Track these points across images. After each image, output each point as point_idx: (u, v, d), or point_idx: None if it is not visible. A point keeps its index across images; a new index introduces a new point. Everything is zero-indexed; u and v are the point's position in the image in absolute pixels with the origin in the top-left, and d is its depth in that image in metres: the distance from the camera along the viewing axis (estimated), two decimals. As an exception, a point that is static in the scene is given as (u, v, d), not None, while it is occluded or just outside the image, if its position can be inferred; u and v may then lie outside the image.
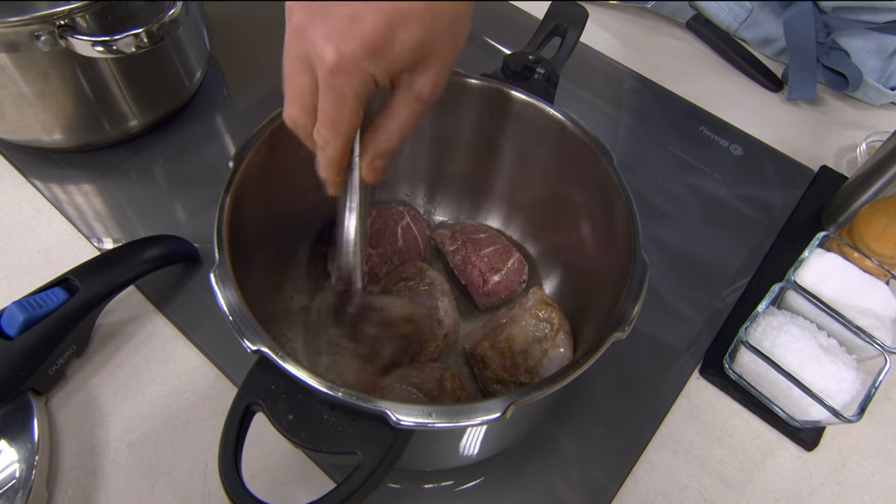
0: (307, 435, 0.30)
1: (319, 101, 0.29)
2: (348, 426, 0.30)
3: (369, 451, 0.30)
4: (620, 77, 0.74)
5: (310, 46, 0.28)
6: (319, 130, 0.31)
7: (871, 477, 0.49)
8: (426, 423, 0.29)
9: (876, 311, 0.50)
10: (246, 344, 0.31)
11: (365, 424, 0.30)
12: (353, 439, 0.30)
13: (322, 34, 0.27)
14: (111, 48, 0.50)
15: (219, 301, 0.33)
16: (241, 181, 0.38)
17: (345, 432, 0.30)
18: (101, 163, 0.61)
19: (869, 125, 0.70)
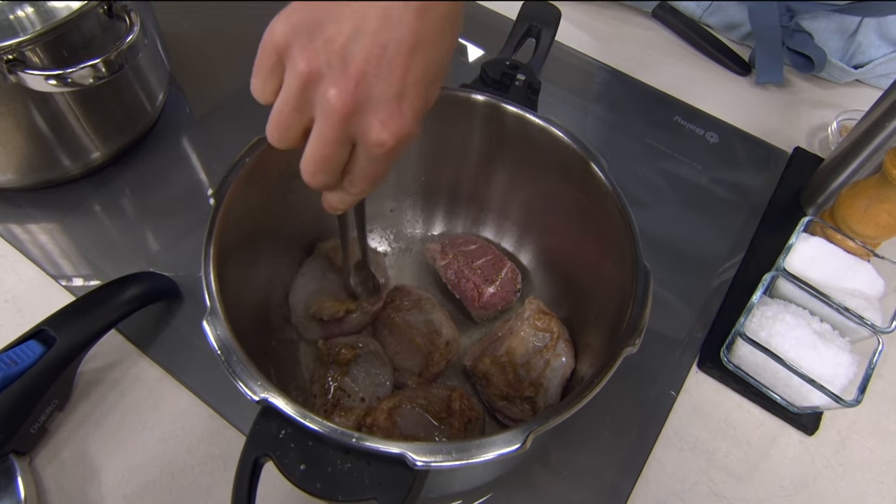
0: (322, 485, 0.29)
1: (363, 167, 0.29)
2: (364, 471, 0.29)
3: (389, 495, 0.29)
4: (591, 71, 0.74)
5: (358, 129, 0.27)
6: (358, 186, 0.30)
7: (871, 455, 0.49)
8: (446, 463, 0.29)
9: (863, 291, 0.51)
10: (249, 395, 0.30)
11: (382, 467, 0.29)
12: (372, 484, 0.29)
13: (379, 121, 0.27)
14: (66, 81, 0.47)
15: (215, 350, 0.31)
16: (224, 219, 0.36)
17: (361, 477, 0.29)
18: (65, 199, 0.58)
19: (837, 104, 0.71)
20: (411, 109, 0.27)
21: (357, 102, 0.26)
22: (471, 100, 0.44)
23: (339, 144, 0.28)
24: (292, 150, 0.30)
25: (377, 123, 0.27)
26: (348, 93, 0.26)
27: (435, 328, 0.47)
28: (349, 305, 0.46)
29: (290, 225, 0.47)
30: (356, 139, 0.28)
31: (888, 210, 0.51)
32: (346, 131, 0.27)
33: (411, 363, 0.46)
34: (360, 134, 0.28)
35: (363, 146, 0.28)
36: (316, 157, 0.28)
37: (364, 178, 0.30)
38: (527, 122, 0.43)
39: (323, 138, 0.28)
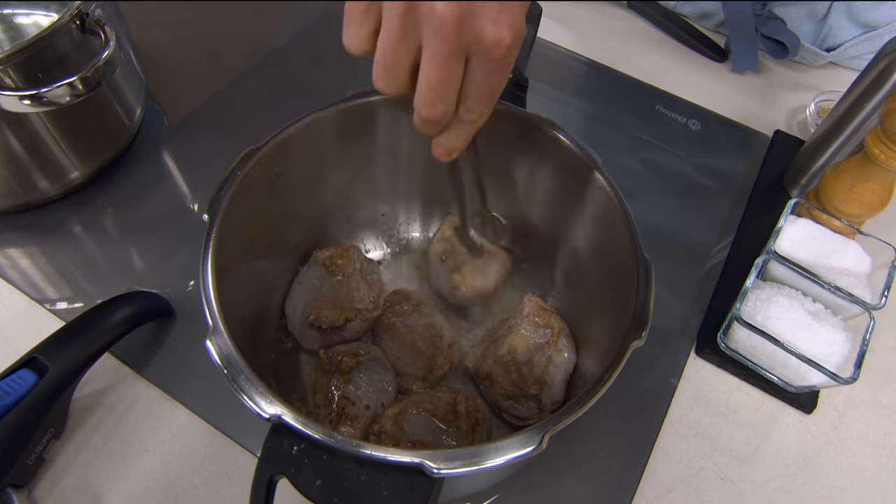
0: (340, 499, 0.29)
1: (482, 82, 0.28)
2: (382, 482, 0.29)
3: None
4: (570, 64, 0.74)
5: (471, 36, 0.26)
6: (476, 109, 0.30)
7: (868, 429, 0.50)
8: (464, 469, 0.28)
9: (852, 269, 0.52)
10: (260, 412, 0.29)
11: (399, 477, 0.29)
12: (390, 495, 0.29)
13: (491, 20, 0.26)
14: (42, 101, 0.46)
15: (221, 370, 0.31)
16: (219, 234, 0.35)
17: (379, 489, 0.29)
18: (45, 221, 0.57)
19: (813, 86, 0.72)
20: (517, 2, 0.27)
21: (464, 6, 0.26)
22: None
23: (455, 59, 0.27)
24: (403, 96, 0.29)
25: (489, 22, 0.26)
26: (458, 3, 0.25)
27: (437, 331, 0.46)
28: (348, 313, 0.45)
29: (284, 235, 0.46)
30: (470, 49, 0.27)
31: (872, 188, 0.52)
32: (459, 42, 0.27)
33: (414, 368, 0.46)
34: (474, 41, 0.27)
35: (480, 53, 0.27)
36: (432, 82, 0.28)
37: (482, 97, 0.29)
38: (518, 119, 0.43)
39: (437, 59, 0.27)
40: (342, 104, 0.41)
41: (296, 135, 0.41)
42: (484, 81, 0.29)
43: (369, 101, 0.42)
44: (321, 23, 0.76)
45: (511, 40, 0.27)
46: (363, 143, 0.46)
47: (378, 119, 0.44)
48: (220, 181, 0.37)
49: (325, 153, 0.45)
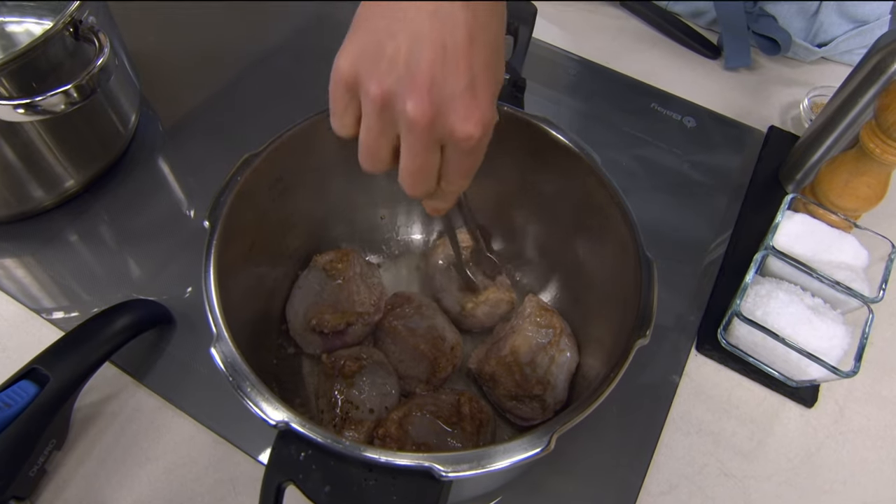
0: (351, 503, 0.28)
1: (458, 164, 0.30)
2: (391, 486, 0.29)
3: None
4: (565, 63, 0.74)
5: (444, 131, 0.28)
6: (455, 183, 0.31)
7: (868, 421, 0.51)
8: (473, 472, 0.28)
9: (849, 263, 0.52)
10: (267, 420, 0.29)
11: (408, 482, 0.29)
12: (399, 500, 0.29)
13: (460, 117, 0.28)
14: (37, 109, 0.45)
15: (227, 377, 0.31)
16: (220, 241, 0.35)
17: (388, 493, 0.29)
18: (41, 231, 0.56)
19: (806, 81, 0.72)
20: (486, 95, 0.28)
21: (435, 106, 0.27)
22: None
23: (430, 151, 0.29)
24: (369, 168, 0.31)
25: (459, 120, 0.27)
26: (424, 101, 0.27)
27: (439, 333, 0.46)
28: (349, 317, 0.45)
29: (284, 240, 0.46)
30: (444, 141, 0.29)
31: (867, 182, 0.52)
32: (432, 137, 0.28)
33: (417, 370, 0.45)
34: (446, 135, 0.28)
35: (452, 145, 0.29)
36: (412, 170, 0.29)
37: (459, 175, 0.31)
38: (518, 121, 0.43)
39: (413, 151, 0.29)
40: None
41: (294, 139, 0.41)
42: (460, 163, 0.30)
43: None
44: (314, 26, 0.76)
45: (480, 134, 0.28)
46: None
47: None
48: (220, 187, 0.37)
49: (325, 157, 0.45)
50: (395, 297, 0.50)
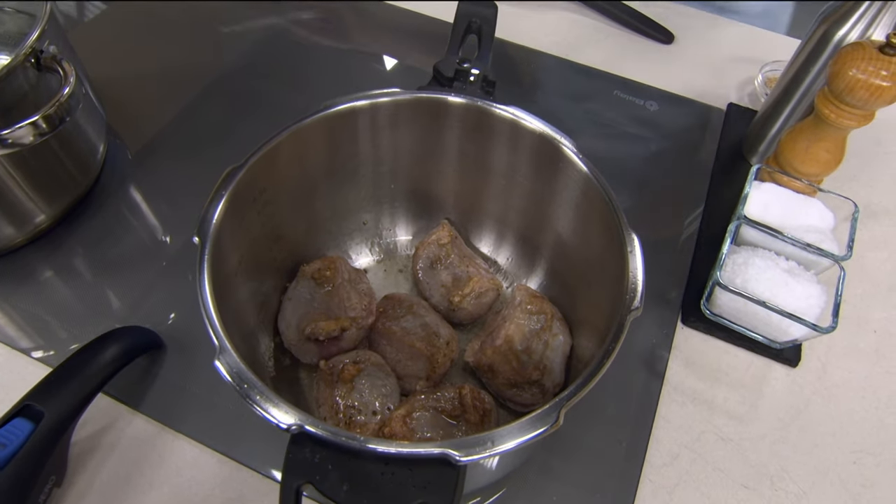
0: (369, 500, 0.29)
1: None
2: (408, 478, 0.29)
3: (438, 496, 0.29)
4: (527, 58, 0.76)
5: None
6: None
7: (850, 374, 0.53)
8: (487, 453, 0.29)
9: (816, 225, 0.55)
10: (279, 424, 0.29)
11: (425, 471, 0.29)
12: (418, 489, 0.29)
13: None
14: (6, 143, 0.45)
15: (234, 387, 0.31)
16: (212, 255, 0.35)
17: (406, 484, 0.29)
18: (15, 269, 0.55)
19: (757, 58, 0.75)
20: None
21: None
22: (432, 100, 0.45)
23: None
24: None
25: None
26: None
27: (433, 330, 0.47)
28: (343, 322, 0.46)
29: (270, 253, 0.46)
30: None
31: (826, 147, 0.55)
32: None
33: (416, 368, 0.46)
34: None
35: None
36: None
37: None
38: (491, 115, 0.44)
39: None
40: (319, 114, 0.42)
41: (274, 151, 0.41)
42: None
43: (346, 109, 0.43)
44: (269, 44, 0.76)
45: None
46: (344, 153, 0.46)
47: (357, 127, 0.45)
48: (207, 202, 0.37)
49: (307, 166, 0.45)
50: (385, 299, 0.50)
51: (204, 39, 0.76)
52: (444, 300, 0.50)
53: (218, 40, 0.76)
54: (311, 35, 0.78)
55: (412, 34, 0.78)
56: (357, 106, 0.43)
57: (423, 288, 0.51)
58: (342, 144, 0.45)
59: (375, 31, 0.79)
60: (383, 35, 0.78)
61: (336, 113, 0.42)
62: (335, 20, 0.79)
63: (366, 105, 0.43)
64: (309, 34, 0.78)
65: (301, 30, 0.78)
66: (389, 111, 0.44)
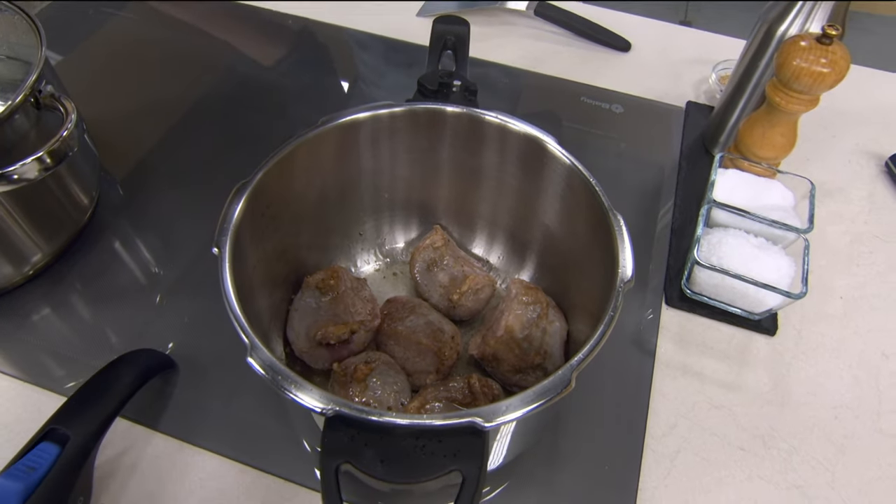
0: (406, 472, 0.31)
1: None
2: (438, 448, 0.32)
3: (468, 462, 0.31)
4: (495, 74, 0.80)
5: None
6: None
7: (823, 338, 0.57)
8: (509, 416, 0.31)
9: (779, 204, 0.59)
10: (316, 408, 0.31)
11: (453, 440, 0.32)
12: (449, 458, 0.31)
13: None
14: (11, 179, 0.46)
15: (268, 380, 0.33)
16: (231, 263, 0.37)
17: (437, 455, 0.31)
18: (17, 305, 0.56)
19: (709, 59, 0.81)
20: None
21: None
22: (429, 111, 0.48)
23: None
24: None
25: None
26: None
27: (437, 327, 0.49)
28: (353, 326, 0.48)
29: (276, 266, 0.48)
30: None
31: (780, 132, 0.60)
32: None
33: (425, 364, 0.48)
34: None
35: None
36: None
37: None
38: (475, 120, 0.47)
39: None
40: (320, 128, 0.45)
41: (280, 164, 0.43)
42: None
43: (348, 122, 0.46)
44: (244, 73, 0.79)
45: None
46: (344, 165, 0.49)
47: (358, 139, 0.47)
48: (221, 215, 0.39)
49: (309, 179, 0.48)
50: (388, 302, 0.52)
51: (182, 73, 0.78)
52: (444, 299, 0.53)
53: (197, 73, 0.78)
54: (285, 64, 0.80)
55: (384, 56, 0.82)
56: (358, 118, 0.45)
57: (423, 290, 0.54)
58: (343, 157, 0.48)
59: (346, 55, 0.82)
60: (353, 58, 0.81)
61: (337, 126, 0.45)
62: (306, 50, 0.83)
63: (366, 117, 0.46)
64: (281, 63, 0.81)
65: (268, 78, 0.81)
66: (388, 123, 0.47)
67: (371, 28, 0.84)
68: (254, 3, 0.87)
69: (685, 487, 0.47)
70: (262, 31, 0.84)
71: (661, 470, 0.48)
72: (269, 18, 0.86)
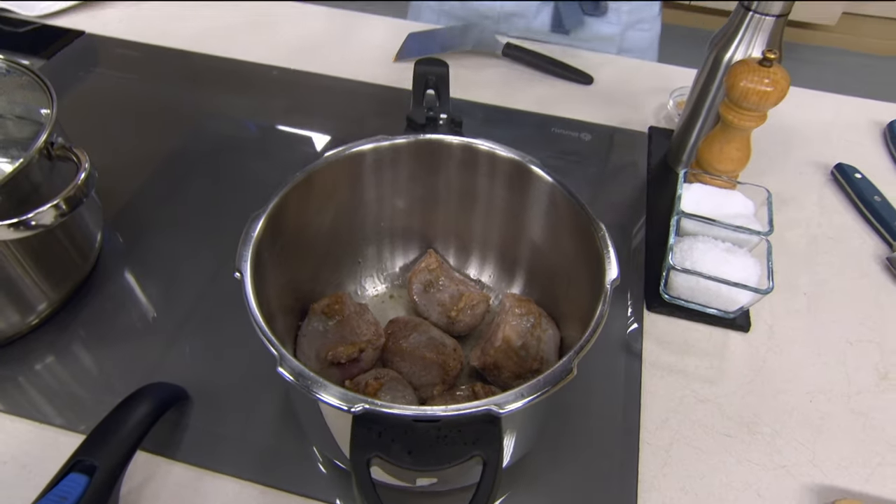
0: (431, 460, 0.34)
1: None
2: (458, 436, 0.35)
3: (487, 447, 0.34)
4: (469, 110, 0.86)
5: None
6: None
7: (793, 331, 0.62)
8: (521, 402, 0.35)
9: (740, 211, 0.65)
10: (346, 409, 0.34)
11: (472, 428, 0.35)
12: (469, 444, 0.34)
13: None
14: (30, 225, 0.49)
15: (299, 386, 0.35)
16: (254, 285, 0.40)
17: (458, 442, 0.34)
18: (25, 352, 0.57)
19: (665, 87, 0.88)
20: None
21: None
22: (430, 141, 0.52)
23: None
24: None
25: None
26: None
27: (439, 341, 0.53)
28: (361, 345, 0.51)
29: (283, 295, 0.51)
30: None
31: (736, 147, 0.66)
32: None
33: (430, 376, 0.51)
34: None
35: None
36: None
37: None
38: (464, 148, 0.52)
39: None
40: (326, 160, 0.48)
41: (289, 196, 0.47)
42: None
43: (354, 153, 0.50)
44: (235, 121, 0.83)
45: None
46: (349, 195, 0.53)
47: (363, 169, 0.52)
48: (239, 243, 0.42)
49: (316, 210, 0.51)
50: (390, 323, 0.55)
51: (169, 124, 0.82)
52: (443, 316, 0.56)
53: (184, 124, 0.82)
54: (276, 109, 0.85)
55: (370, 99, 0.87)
56: (362, 150, 0.49)
57: (422, 310, 0.57)
58: (346, 187, 0.52)
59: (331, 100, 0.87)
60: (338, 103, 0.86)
61: (343, 157, 0.49)
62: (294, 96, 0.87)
63: (369, 149, 0.50)
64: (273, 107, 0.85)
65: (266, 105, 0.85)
66: (390, 153, 0.51)
67: (352, 75, 0.90)
68: (238, 57, 0.92)
69: (681, 475, 0.51)
70: (247, 81, 0.89)
71: (658, 461, 0.52)
72: (254, 70, 0.90)
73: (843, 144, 0.83)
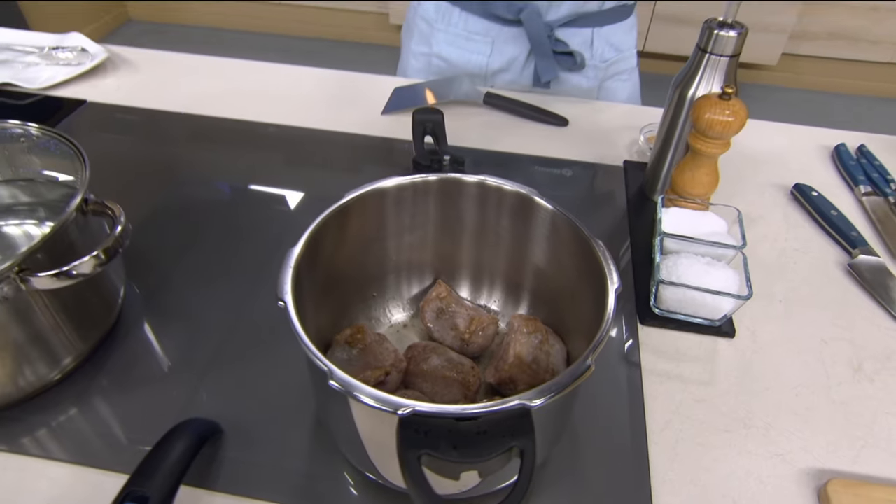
0: (475, 453, 0.38)
1: None
2: (496, 430, 0.39)
3: (523, 438, 0.38)
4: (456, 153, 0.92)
5: None
6: None
7: (773, 335, 0.68)
8: (550, 397, 0.39)
9: (715, 230, 0.72)
10: (392, 410, 0.38)
11: (508, 421, 0.39)
12: (507, 436, 0.38)
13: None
14: (71, 274, 0.52)
15: (347, 394, 0.39)
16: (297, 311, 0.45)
17: (497, 435, 0.38)
18: (56, 401, 0.59)
19: (635, 125, 0.96)
20: None
21: None
22: (450, 179, 0.57)
23: None
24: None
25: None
26: None
27: (457, 361, 0.57)
28: (386, 368, 0.55)
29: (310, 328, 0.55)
30: None
31: (705, 172, 0.73)
32: None
33: (452, 394, 0.55)
34: None
35: None
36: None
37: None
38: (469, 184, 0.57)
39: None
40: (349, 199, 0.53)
41: (322, 230, 0.51)
42: None
43: (373, 190, 0.55)
44: (245, 175, 0.88)
45: None
46: (368, 232, 0.58)
47: (384, 207, 0.56)
48: (280, 273, 0.47)
49: (340, 246, 0.56)
50: (409, 348, 0.60)
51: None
52: (457, 339, 0.60)
53: (205, 171, 0.86)
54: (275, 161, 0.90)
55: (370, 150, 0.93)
56: (383, 187, 0.55)
57: (437, 335, 0.62)
58: (366, 225, 0.56)
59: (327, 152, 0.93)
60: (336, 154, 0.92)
61: (365, 195, 0.54)
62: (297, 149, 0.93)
63: (391, 186, 0.55)
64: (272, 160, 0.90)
65: (266, 159, 0.90)
66: (410, 192, 0.56)
67: (345, 128, 0.96)
68: (234, 117, 0.98)
69: (689, 469, 0.55)
70: (245, 138, 0.94)
71: (666, 459, 0.56)
72: (251, 128, 0.96)
73: (799, 167, 0.92)
